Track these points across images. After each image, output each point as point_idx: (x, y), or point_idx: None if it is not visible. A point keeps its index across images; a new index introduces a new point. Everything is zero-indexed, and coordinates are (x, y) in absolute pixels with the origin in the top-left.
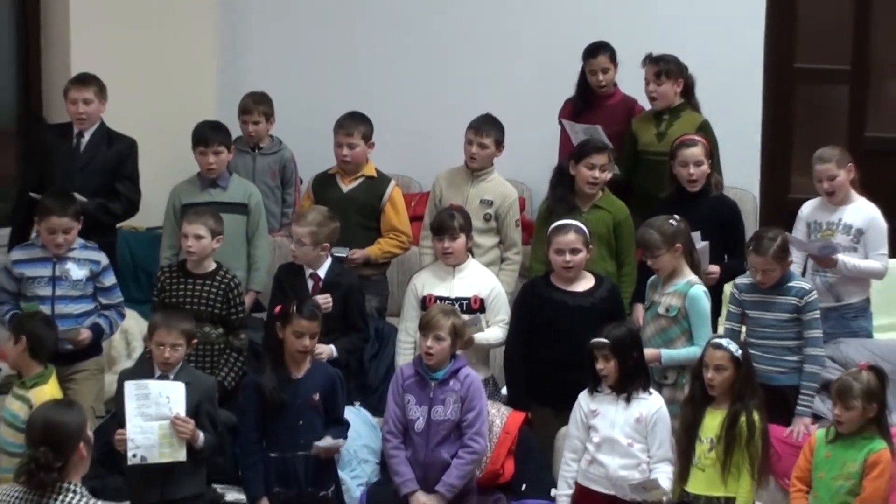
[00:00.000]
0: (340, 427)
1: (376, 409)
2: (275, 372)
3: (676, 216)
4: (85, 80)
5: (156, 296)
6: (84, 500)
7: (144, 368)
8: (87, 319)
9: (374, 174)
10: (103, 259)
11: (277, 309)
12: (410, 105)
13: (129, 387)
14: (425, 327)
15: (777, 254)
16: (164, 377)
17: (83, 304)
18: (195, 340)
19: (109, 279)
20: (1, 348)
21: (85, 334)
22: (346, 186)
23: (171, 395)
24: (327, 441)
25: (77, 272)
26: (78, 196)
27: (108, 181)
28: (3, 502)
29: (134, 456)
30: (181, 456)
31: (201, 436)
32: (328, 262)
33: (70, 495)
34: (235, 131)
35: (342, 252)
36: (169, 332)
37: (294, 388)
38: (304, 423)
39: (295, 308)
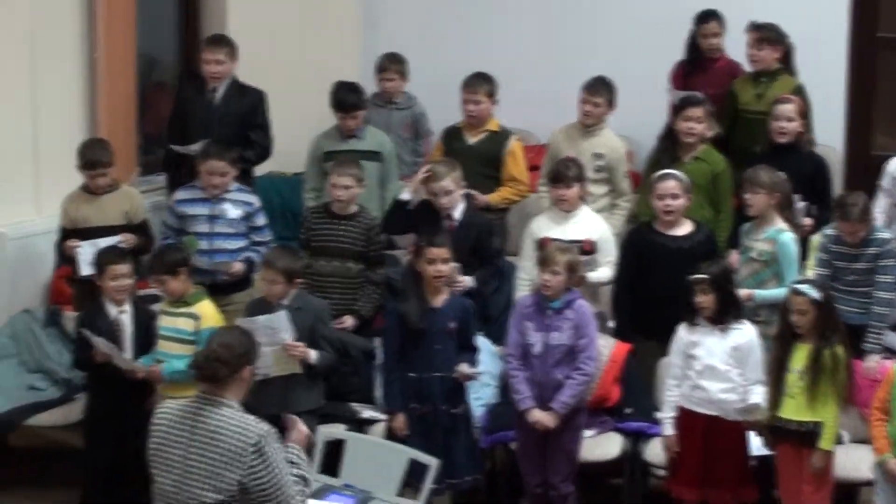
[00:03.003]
0: (471, 352)
1: (496, 338)
2: (417, 301)
3: (783, 174)
4: (217, 41)
5: (303, 234)
6: (239, 414)
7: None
8: (240, 254)
9: (497, 128)
10: (256, 201)
11: (412, 247)
12: (532, 66)
13: (240, 323)
14: (543, 262)
15: (860, 217)
16: (278, 305)
17: (237, 240)
18: (298, 279)
19: (261, 219)
20: (168, 286)
21: (237, 266)
22: (471, 139)
23: (275, 326)
24: (467, 369)
25: (233, 212)
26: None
27: (242, 130)
28: (164, 416)
29: (256, 374)
30: (297, 368)
31: (313, 354)
32: (462, 205)
33: (227, 409)
34: (374, 87)
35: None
36: (267, 269)
37: (433, 316)
38: (440, 347)
39: (427, 240)
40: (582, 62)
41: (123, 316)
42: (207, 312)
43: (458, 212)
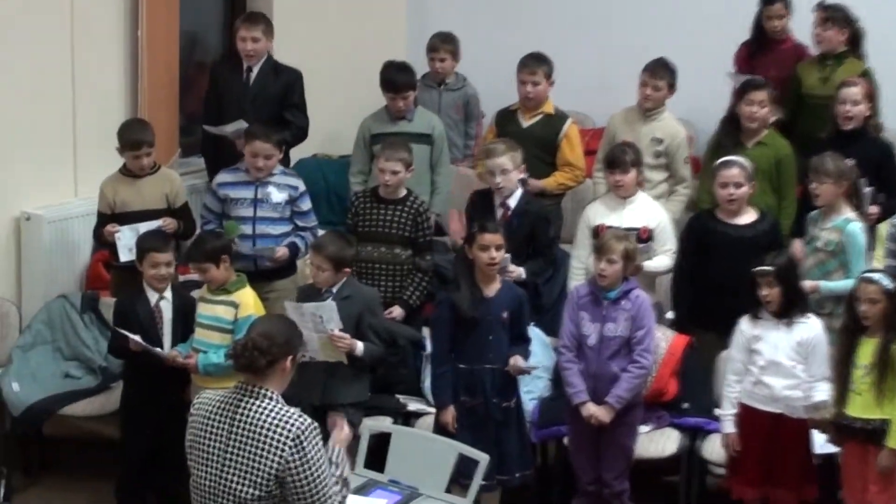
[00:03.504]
0: (524, 343)
1: (549, 328)
2: (469, 290)
3: (851, 160)
4: (254, 18)
5: (350, 219)
6: (279, 406)
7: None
8: (284, 240)
9: (553, 111)
10: (301, 185)
11: (466, 234)
12: (589, 47)
13: (289, 306)
14: (599, 251)
15: None
16: (327, 293)
17: (282, 225)
18: (347, 268)
19: (306, 203)
20: (210, 273)
21: (281, 252)
22: (526, 122)
23: (323, 315)
24: (522, 362)
25: (277, 195)
26: (246, 125)
27: (277, 110)
28: (203, 407)
29: (303, 356)
30: (343, 358)
31: (359, 346)
32: (519, 191)
33: (267, 401)
34: (424, 68)
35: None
36: (315, 255)
37: (485, 305)
38: (492, 338)
39: (479, 226)
40: (642, 42)
41: (163, 303)
42: (247, 301)
43: (514, 199)
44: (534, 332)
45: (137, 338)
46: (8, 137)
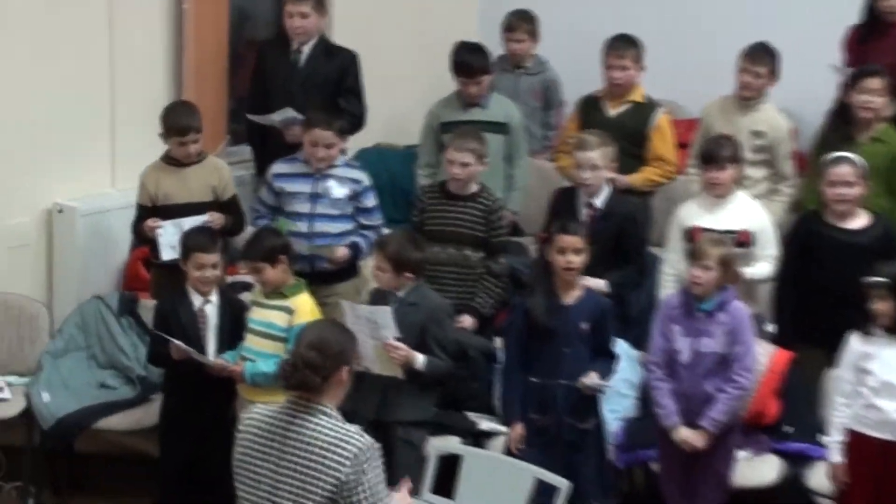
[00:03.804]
0: (607, 360)
1: (637, 341)
2: (545, 296)
3: None
4: None
5: (415, 217)
6: (336, 422)
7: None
8: (344, 239)
9: (642, 99)
10: (365, 179)
11: (542, 235)
12: (681, 28)
13: (346, 307)
14: (693, 256)
15: None
16: (393, 298)
17: (342, 223)
18: (409, 273)
19: (370, 200)
20: (264, 275)
21: (341, 252)
22: (612, 111)
23: (378, 321)
24: (594, 380)
25: (338, 190)
26: (297, 114)
27: (330, 96)
28: (252, 424)
29: (358, 365)
30: (398, 372)
31: (420, 359)
32: (606, 190)
33: (323, 417)
34: (499, 49)
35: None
36: (377, 252)
37: (562, 314)
38: (569, 351)
39: (558, 226)
40: (740, 25)
41: (208, 307)
42: (304, 307)
43: (600, 198)
44: (619, 344)
45: (180, 343)
46: (39, 122)
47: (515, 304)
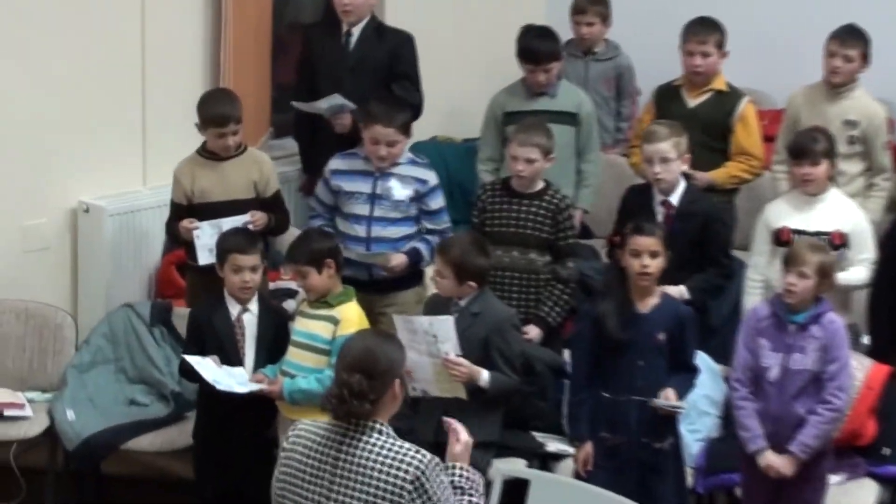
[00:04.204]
0: (687, 374)
1: (719, 354)
2: (617, 304)
3: None
4: None
5: (475, 217)
6: (391, 440)
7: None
8: (405, 244)
9: (725, 88)
10: (432, 178)
11: (616, 236)
12: (765, 10)
13: (398, 321)
14: (789, 261)
15: None
16: (455, 306)
17: (403, 226)
18: (472, 282)
19: (436, 201)
20: (309, 280)
21: (397, 259)
22: (692, 100)
23: (437, 334)
24: (669, 400)
25: (400, 191)
26: (346, 101)
27: (382, 82)
28: (299, 445)
29: (414, 389)
30: (461, 393)
31: (484, 375)
32: (682, 186)
33: (376, 435)
34: (568, 33)
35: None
36: (438, 256)
37: (637, 323)
38: (644, 364)
39: (632, 227)
40: (828, 6)
41: (246, 316)
42: (350, 317)
43: (676, 195)
44: (701, 358)
45: (209, 359)
46: (62, 111)
47: (585, 311)
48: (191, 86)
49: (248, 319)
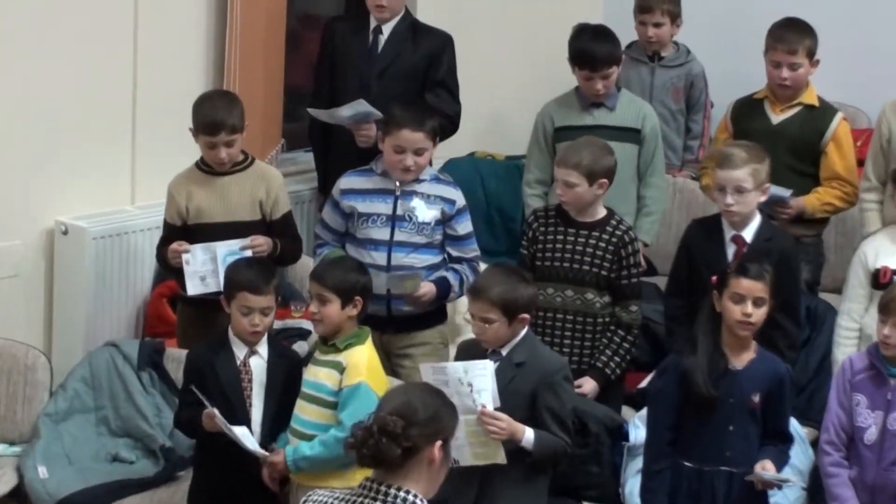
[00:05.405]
0: (782, 443)
1: (803, 413)
2: (709, 356)
3: None
4: None
5: (523, 249)
6: None
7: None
8: (431, 274)
9: (816, 102)
10: (459, 199)
11: (714, 278)
12: (857, 14)
13: (426, 370)
14: (885, 310)
15: None
16: (494, 354)
17: (428, 254)
18: (525, 314)
19: (464, 225)
20: (327, 310)
21: (425, 289)
22: (776, 116)
23: (473, 383)
24: (771, 471)
25: (425, 212)
26: (372, 108)
27: (416, 89)
28: None
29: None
30: (499, 458)
31: (528, 433)
32: (756, 220)
33: None
34: (629, 34)
35: (783, 192)
36: (476, 300)
37: (730, 381)
38: (734, 428)
39: (737, 267)
40: None
41: (254, 361)
42: (358, 362)
43: (750, 230)
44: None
45: (215, 410)
46: (37, 117)
47: (668, 364)
48: (189, 88)
49: (257, 364)
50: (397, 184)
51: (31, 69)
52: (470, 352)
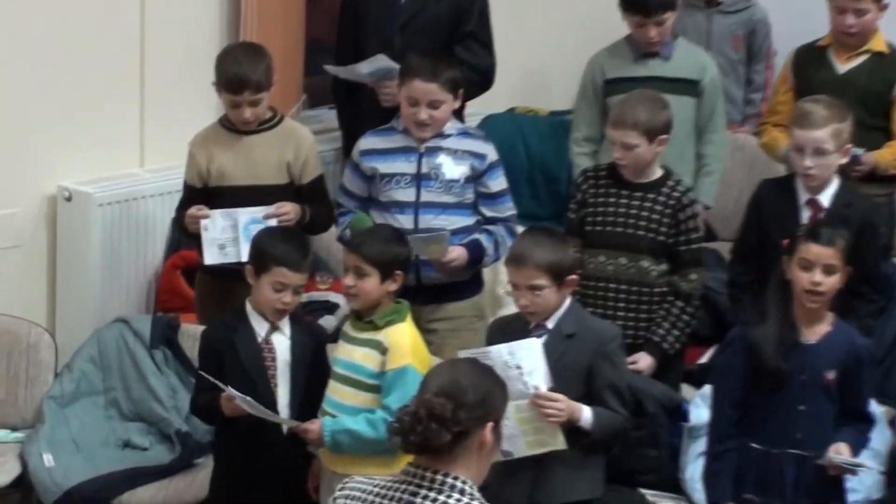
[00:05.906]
0: (861, 425)
1: (880, 390)
2: (779, 327)
3: None
4: None
5: (572, 213)
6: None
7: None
8: (463, 237)
9: (885, 49)
10: (491, 152)
11: (786, 241)
12: None
13: (465, 356)
14: None
15: None
16: (539, 329)
17: (459, 214)
18: (573, 277)
19: (497, 181)
20: (364, 285)
21: (455, 254)
22: (842, 65)
23: (522, 364)
24: (845, 454)
25: (452, 168)
26: (394, 63)
27: (442, 43)
28: (359, 497)
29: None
30: (558, 443)
31: (586, 412)
32: (835, 184)
33: (456, 496)
34: None
35: (855, 150)
36: (519, 268)
37: (801, 355)
38: (806, 408)
39: (806, 231)
40: None
41: (276, 337)
42: (402, 342)
43: (827, 194)
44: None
45: (235, 392)
46: (39, 75)
47: (734, 335)
48: (202, 42)
49: (280, 342)
50: (420, 138)
51: (32, 29)
52: (504, 331)
